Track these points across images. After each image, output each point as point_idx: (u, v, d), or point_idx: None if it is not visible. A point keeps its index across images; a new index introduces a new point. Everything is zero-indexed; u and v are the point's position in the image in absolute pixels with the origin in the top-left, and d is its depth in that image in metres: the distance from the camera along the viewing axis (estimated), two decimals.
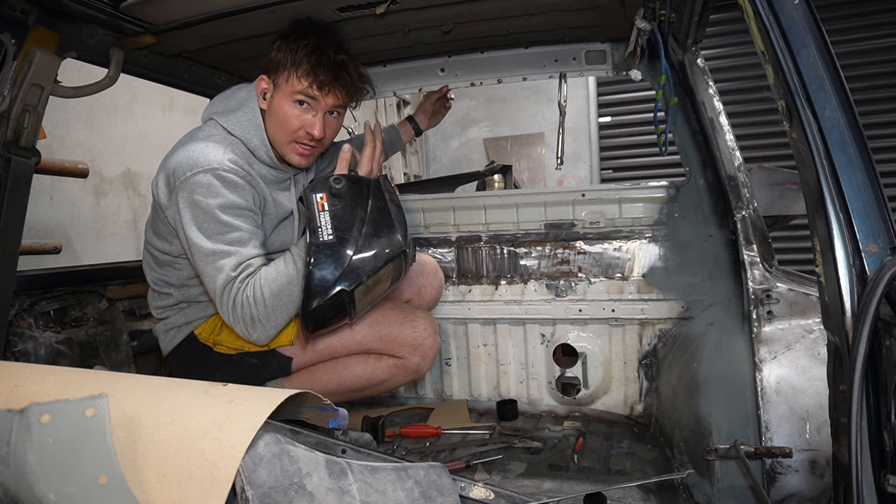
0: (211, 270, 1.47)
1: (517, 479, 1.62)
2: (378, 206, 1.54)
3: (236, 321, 1.50)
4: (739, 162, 1.71)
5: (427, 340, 1.74)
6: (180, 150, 1.52)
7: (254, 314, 1.48)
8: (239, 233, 1.49)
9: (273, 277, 1.48)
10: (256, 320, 1.48)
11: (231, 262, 1.47)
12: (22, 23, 1.44)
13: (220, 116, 1.60)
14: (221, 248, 1.46)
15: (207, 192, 1.46)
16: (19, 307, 1.66)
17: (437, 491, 0.79)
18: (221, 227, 1.47)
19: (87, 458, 0.59)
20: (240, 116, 1.59)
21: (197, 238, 1.46)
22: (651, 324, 2.08)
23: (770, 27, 0.92)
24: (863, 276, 0.82)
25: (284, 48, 1.54)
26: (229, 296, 1.47)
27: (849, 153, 0.86)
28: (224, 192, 1.47)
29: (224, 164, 1.49)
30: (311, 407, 0.88)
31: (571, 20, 1.84)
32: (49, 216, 2.89)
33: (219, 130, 1.58)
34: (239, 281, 1.47)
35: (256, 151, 1.59)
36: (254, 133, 1.59)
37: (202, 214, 1.46)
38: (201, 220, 1.46)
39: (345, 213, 1.48)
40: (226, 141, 1.56)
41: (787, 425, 1.33)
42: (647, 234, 2.09)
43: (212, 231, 1.46)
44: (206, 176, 1.46)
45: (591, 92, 5.63)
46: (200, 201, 1.45)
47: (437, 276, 2.14)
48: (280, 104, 1.57)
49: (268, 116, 1.61)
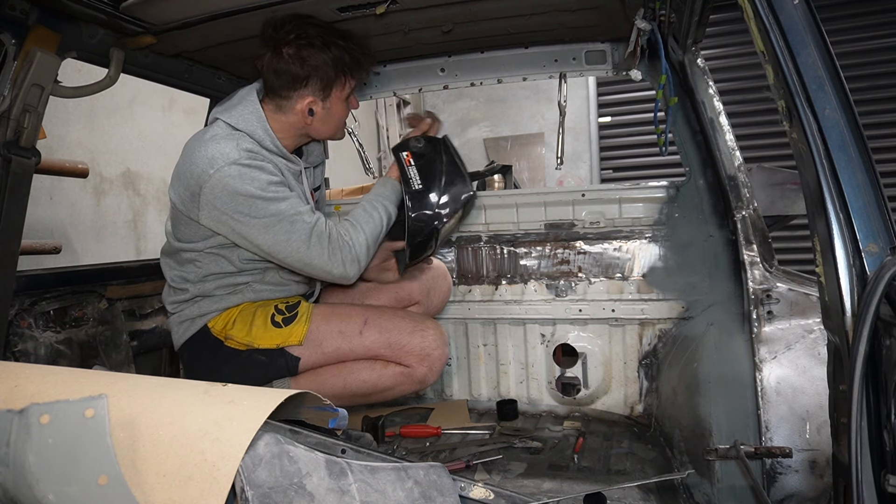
0: (282, 230, 1.54)
1: (517, 479, 1.63)
2: (450, 160, 1.86)
3: (334, 262, 1.61)
4: (739, 162, 1.71)
5: (435, 351, 1.74)
6: (193, 156, 1.53)
7: (356, 254, 1.64)
8: (288, 201, 1.55)
9: (365, 220, 1.68)
10: (356, 259, 1.64)
11: (306, 211, 1.58)
12: (22, 23, 1.44)
13: (223, 114, 1.62)
14: (281, 211, 1.53)
15: (240, 180, 1.49)
16: (19, 307, 1.66)
17: (437, 491, 0.78)
18: (269, 203, 1.52)
19: (86, 459, 0.59)
20: (241, 110, 1.61)
21: (254, 227, 1.52)
22: (651, 324, 2.07)
23: (770, 27, 0.92)
24: (863, 276, 0.82)
25: (321, 61, 1.59)
26: (324, 236, 1.58)
27: (849, 153, 0.86)
28: (254, 176, 1.51)
29: (241, 153, 1.52)
30: (311, 407, 0.88)
31: (571, 20, 1.84)
32: (49, 216, 2.89)
33: (222, 128, 1.59)
34: (325, 225, 1.60)
35: (263, 142, 1.61)
36: (257, 125, 1.60)
37: (244, 201, 1.50)
38: (247, 207, 1.50)
39: (427, 167, 1.81)
40: (232, 136, 1.57)
41: (787, 425, 1.33)
42: (647, 234, 2.09)
43: (262, 208, 1.51)
44: (230, 168, 1.49)
45: (591, 92, 5.63)
46: (239, 189, 1.49)
47: (446, 279, 2.15)
48: (337, 109, 1.70)
49: (316, 125, 1.68)
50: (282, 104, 1.64)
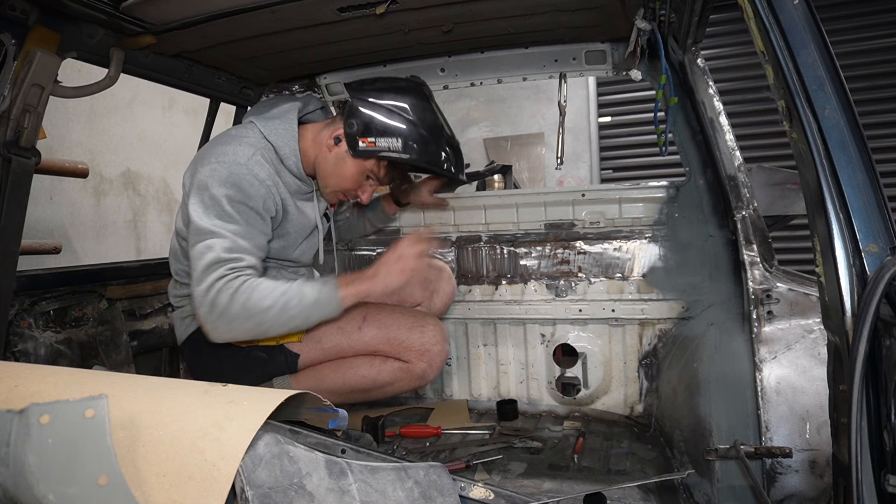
0: (201, 247, 1.46)
1: (517, 479, 1.62)
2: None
3: (203, 303, 1.43)
4: (739, 162, 1.71)
5: (435, 347, 1.75)
6: (213, 145, 1.57)
7: (224, 309, 1.42)
8: (238, 226, 1.50)
9: (264, 295, 1.44)
10: (221, 315, 1.43)
11: (224, 244, 1.46)
12: (22, 23, 1.44)
13: (260, 120, 1.64)
14: (218, 230, 1.46)
15: (222, 182, 1.49)
16: (19, 307, 1.66)
17: (437, 491, 0.78)
18: (223, 215, 1.49)
19: (86, 459, 0.59)
20: (278, 125, 1.63)
21: (197, 216, 1.48)
22: (651, 324, 2.07)
23: (770, 27, 0.92)
24: (863, 276, 0.82)
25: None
26: (212, 275, 1.43)
27: (849, 153, 0.86)
28: (237, 187, 1.50)
29: (249, 164, 1.52)
30: (311, 408, 0.88)
31: (571, 20, 1.84)
32: (49, 216, 2.89)
33: (255, 133, 1.62)
34: (228, 267, 1.44)
35: (286, 160, 1.63)
36: (287, 142, 1.62)
37: (209, 199, 1.49)
38: (207, 203, 1.48)
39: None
40: (259, 144, 1.59)
41: (787, 425, 1.33)
42: (647, 234, 2.09)
43: (212, 216, 1.48)
44: (226, 168, 1.50)
45: (591, 92, 5.62)
46: (212, 186, 1.48)
47: (450, 282, 2.16)
48: (351, 166, 1.66)
49: (328, 159, 1.66)
50: (329, 125, 1.68)
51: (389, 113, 1.60)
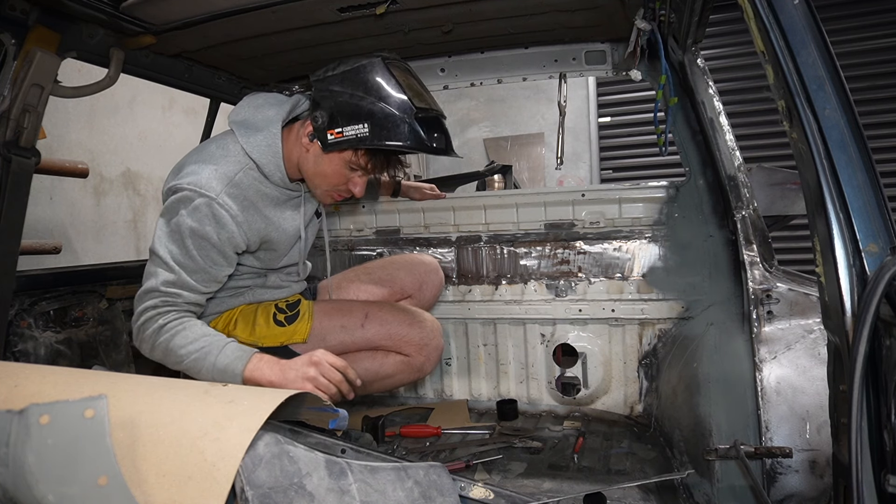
0: (150, 268, 1.47)
1: (517, 479, 1.62)
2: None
3: (133, 323, 1.48)
4: (739, 162, 1.71)
5: (432, 342, 1.84)
6: (195, 161, 1.51)
7: (146, 338, 1.46)
8: (192, 262, 1.46)
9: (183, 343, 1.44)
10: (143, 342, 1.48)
11: (168, 277, 1.44)
12: (22, 23, 1.44)
13: (243, 134, 1.55)
14: (169, 261, 1.44)
15: (190, 212, 1.44)
16: (19, 307, 1.66)
17: (437, 491, 0.78)
18: (180, 248, 1.45)
19: (86, 459, 0.59)
20: (259, 140, 1.55)
21: (158, 237, 1.47)
22: (651, 324, 2.07)
23: (770, 27, 0.92)
24: (863, 276, 0.82)
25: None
26: (146, 302, 1.45)
27: (849, 153, 0.86)
28: (203, 221, 1.44)
29: (221, 196, 1.46)
30: (311, 408, 0.88)
31: (571, 20, 1.84)
32: (49, 216, 2.89)
33: (236, 148, 1.54)
34: (161, 300, 1.45)
35: (271, 176, 1.57)
36: (270, 159, 1.55)
37: (173, 226, 1.45)
38: (172, 228, 1.45)
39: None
40: (238, 164, 1.52)
41: (787, 425, 1.33)
42: (647, 234, 2.09)
43: (170, 243, 1.45)
44: (198, 199, 1.44)
45: (591, 92, 5.62)
46: (179, 214, 1.44)
47: (437, 274, 2.15)
48: (331, 162, 1.55)
49: (308, 159, 1.57)
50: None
51: (351, 97, 1.48)
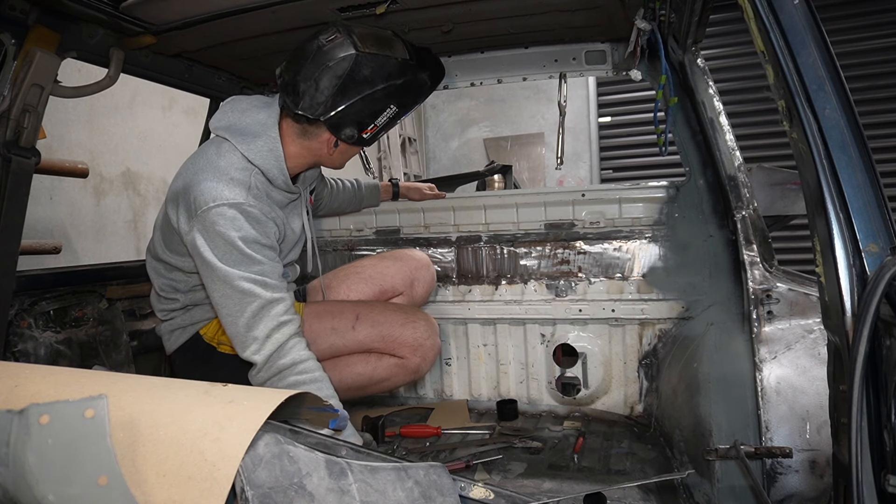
0: (237, 295, 1.42)
1: (517, 479, 1.62)
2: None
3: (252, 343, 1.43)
4: (739, 162, 1.71)
5: (427, 342, 1.79)
6: (202, 184, 1.45)
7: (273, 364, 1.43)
8: (262, 266, 1.45)
9: (316, 387, 1.43)
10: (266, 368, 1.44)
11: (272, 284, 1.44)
12: (22, 23, 1.44)
13: (240, 141, 1.53)
14: (250, 275, 1.42)
15: (230, 224, 1.42)
16: (19, 307, 1.66)
17: (437, 491, 0.78)
18: (244, 258, 1.43)
19: (86, 459, 0.59)
20: (260, 146, 1.53)
21: (219, 264, 1.42)
22: (651, 324, 2.07)
23: (770, 27, 0.92)
24: (863, 276, 0.82)
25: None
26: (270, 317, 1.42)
27: (849, 153, 0.86)
28: (246, 227, 1.44)
29: (249, 199, 1.46)
30: (311, 408, 0.88)
31: (571, 20, 1.84)
32: (49, 216, 2.89)
33: (238, 157, 1.52)
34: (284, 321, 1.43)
35: (275, 180, 1.56)
36: (273, 163, 1.54)
37: (224, 245, 1.42)
38: (223, 251, 1.42)
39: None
40: (246, 171, 1.51)
41: (788, 425, 1.33)
42: (647, 234, 2.09)
43: (235, 261, 1.42)
44: (230, 210, 1.42)
45: (591, 92, 5.63)
46: (223, 233, 1.41)
47: (429, 270, 2.13)
48: (353, 150, 1.63)
49: (333, 158, 1.62)
50: (309, 129, 1.55)
51: (362, 100, 1.49)
